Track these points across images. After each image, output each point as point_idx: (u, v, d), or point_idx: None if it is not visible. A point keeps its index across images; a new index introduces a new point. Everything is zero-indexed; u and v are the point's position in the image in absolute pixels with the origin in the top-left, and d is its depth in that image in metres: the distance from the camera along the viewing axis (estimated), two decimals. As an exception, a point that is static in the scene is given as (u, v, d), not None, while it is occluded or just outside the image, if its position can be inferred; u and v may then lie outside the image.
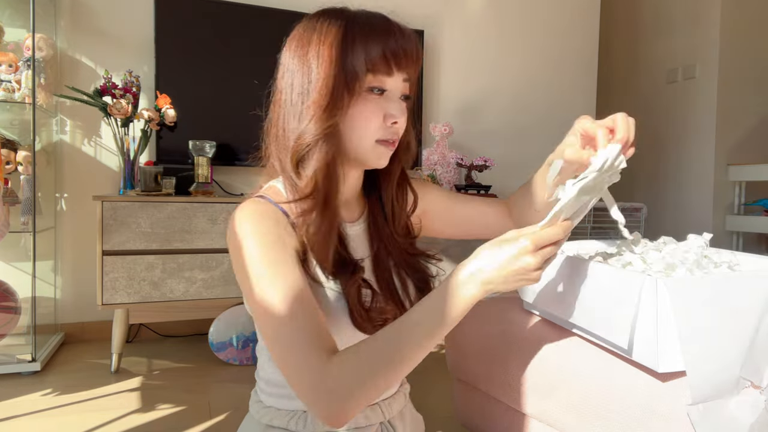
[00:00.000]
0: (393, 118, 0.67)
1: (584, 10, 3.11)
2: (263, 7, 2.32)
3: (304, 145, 0.65)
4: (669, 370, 0.69)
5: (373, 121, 0.67)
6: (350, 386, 0.56)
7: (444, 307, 0.58)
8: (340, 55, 0.64)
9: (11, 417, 1.48)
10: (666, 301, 0.67)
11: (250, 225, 0.63)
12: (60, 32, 2.14)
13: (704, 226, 3.11)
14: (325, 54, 0.64)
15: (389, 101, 0.68)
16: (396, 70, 0.66)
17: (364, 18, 0.66)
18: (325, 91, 0.64)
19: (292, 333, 0.58)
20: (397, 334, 0.59)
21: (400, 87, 0.69)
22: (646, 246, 0.93)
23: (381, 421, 0.76)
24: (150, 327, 2.29)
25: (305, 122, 0.65)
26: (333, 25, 0.66)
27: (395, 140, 0.70)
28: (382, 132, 0.68)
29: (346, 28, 0.65)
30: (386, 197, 0.78)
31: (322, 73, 0.64)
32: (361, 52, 0.64)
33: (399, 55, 0.66)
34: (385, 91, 0.67)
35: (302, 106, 0.66)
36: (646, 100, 3.55)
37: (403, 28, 0.68)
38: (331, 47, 0.64)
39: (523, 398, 0.94)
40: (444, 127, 2.54)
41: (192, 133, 2.12)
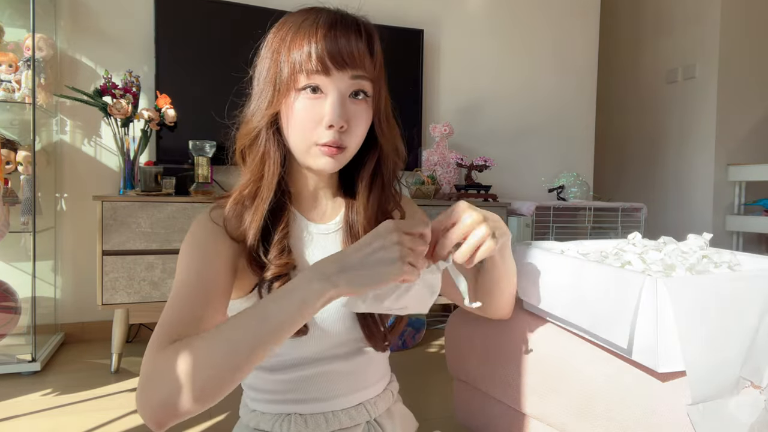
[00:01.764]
0: (328, 121, 0.64)
1: (584, 10, 3.11)
2: (263, 7, 2.32)
3: (247, 134, 0.69)
4: (669, 370, 0.69)
5: (307, 122, 0.66)
6: (160, 385, 0.50)
7: (271, 306, 0.53)
8: (281, 51, 0.66)
9: (11, 417, 1.48)
10: (666, 301, 0.67)
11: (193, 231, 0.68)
12: (60, 32, 2.14)
13: (704, 226, 3.11)
14: (272, 49, 0.67)
15: (328, 103, 0.65)
16: (336, 68, 0.64)
17: (314, 17, 0.66)
18: (264, 85, 0.68)
19: (165, 313, 0.59)
20: (237, 322, 0.53)
21: (347, 85, 0.66)
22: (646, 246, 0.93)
23: (367, 420, 0.76)
24: (150, 327, 2.29)
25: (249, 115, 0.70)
26: (289, 24, 0.67)
27: (337, 144, 0.66)
28: (320, 136, 0.66)
29: (297, 26, 0.65)
30: (359, 201, 0.75)
31: (264, 66, 0.68)
32: (295, 50, 0.64)
33: (337, 52, 0.63)
34: (321, 90, 0.65)
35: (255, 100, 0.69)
36: (646, 100, 3.55)
37: (349, 22, 0.66)
38: (278, 43, 0.67)
39: (523, 398, 0.94)
40: (444, 127, 2.54)
41: (192, 133, 2.12)
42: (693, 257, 0.86)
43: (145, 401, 0.51)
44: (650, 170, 3.50)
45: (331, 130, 0.65)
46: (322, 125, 0.65)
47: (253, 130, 0.69)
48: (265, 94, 0.67)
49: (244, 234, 0.68)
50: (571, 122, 3.09)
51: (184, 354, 0.51)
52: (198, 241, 0.67)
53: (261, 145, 0.69)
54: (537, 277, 0.94)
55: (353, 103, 0.67)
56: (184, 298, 0.60)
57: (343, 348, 0.73)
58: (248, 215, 0.68)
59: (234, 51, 2.27)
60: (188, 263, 0.65)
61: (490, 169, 2.60)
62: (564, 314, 0.88)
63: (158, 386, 0.51)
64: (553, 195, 2.75)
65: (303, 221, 0.74)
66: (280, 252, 0.68)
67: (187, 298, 0.60)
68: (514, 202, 2.54)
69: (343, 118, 0.65)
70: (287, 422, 0.72)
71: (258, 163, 0.69)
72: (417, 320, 2.26)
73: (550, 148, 3.04)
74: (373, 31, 0.69)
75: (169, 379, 0.50)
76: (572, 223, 2.54)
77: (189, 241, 0.68)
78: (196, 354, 0.51)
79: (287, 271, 0.68)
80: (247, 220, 0.68)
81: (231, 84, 2.49)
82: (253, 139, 0.69)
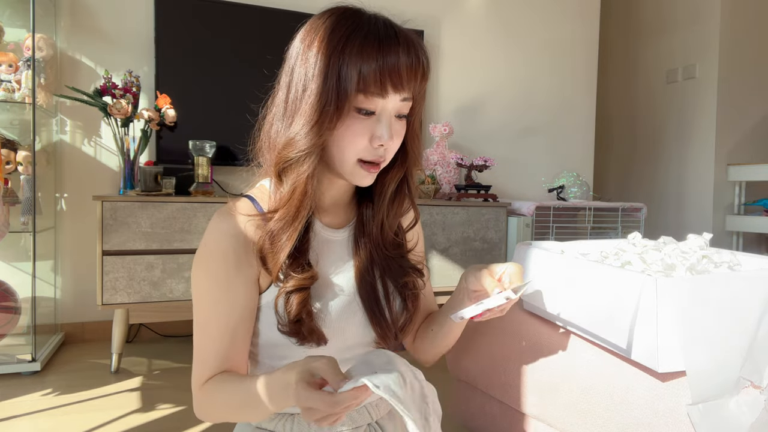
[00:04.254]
0: (380, 140, 0.64)
1: (584, 10, 3.11)
2: (264, 7, 2.32)
3: (288, 157, 0.64)
4: (669, 370, 0.69)
5: (358, 143, 0.64)
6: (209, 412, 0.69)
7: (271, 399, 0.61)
8: (334, 68, 0.61)
9: (11, 417, 1.48)
10: (666, 301, 0.67)
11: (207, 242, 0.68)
12: (60, 32, 2.14)
13: (704, 226, 3.11)
14: (321, 65, 0.62)
15: (379, 122, 0.64)
16: (393, 91, 0.63)
17: (366, 26, 0.62)
18: (316, 106, 0.62)
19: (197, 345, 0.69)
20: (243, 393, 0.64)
21: (396, 107, 0.65)
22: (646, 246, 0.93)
23: (369, 422, 0.76)
24: (150, 327, 2.29)
25: (293, 133, 0.64)
26: (336, 31, 0.62)
27: (379, 162, 0.66)
28: (365, 152, 0.65)
29: (345, 38, 0.61)
30: (377, 208, 0.75)
31: (314, 86, 0.62)
32: (354, 68, 0.61)
33: (396, 74, 0.62)
34: (374, 113, 0.64)
35: (294, 113, 0.65)
36: (646, 100, 3.55)
37: (410, 42, 0.64)
38: (327, 58, 0.62)
39: (523, 398, 0.94)
40: (444, 127, 2.54)
41: (192, 133, 2.12)
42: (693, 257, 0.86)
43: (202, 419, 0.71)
44: (650, 170, 3.50)
45: (379, 148, 0.65)
46: (370, 142, 0.64)
47: (302, 152, 0.63)
48: (315, 113, 0.62)
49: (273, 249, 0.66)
50: (571, 122, 3.09)
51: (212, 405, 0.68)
52: (216, 272, 0.66)
53: (306, 169, 0.64)
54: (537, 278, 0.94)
55: (396, 122, 0.66)
56: (211, 339, 0.68)
57: (353, 351, 0.73)
58: (284, 234, 0.66)
59: (234, 51, 2.27)
60: (210, 299, 0.67)
61: (490, 169, 2.60)
62: (564, 314, 0.87)
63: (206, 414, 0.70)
64: (553, 195, 2.75)
65: (320, 227, 0.73)
66: (304, 265, 0.67)
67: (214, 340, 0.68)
68: (514, 202, 2.54)
69: (392, 138, 0.65)
70: (290, 422, 0.72)
71: (302, 186, 0.65)
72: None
73: (550, 148, 3.04)
74: (427, 52, 0.67)
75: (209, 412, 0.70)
76: (572, 223, 2.54)
77: (206, 270, 0.67)
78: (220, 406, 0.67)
79: (309, 285, 0.67)
80: (283, 239, 0.66)
81: (231, 84, 2.50)
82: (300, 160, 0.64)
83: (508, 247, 2.42)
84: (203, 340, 0.68)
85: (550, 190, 2.76)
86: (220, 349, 0.67)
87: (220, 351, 0.67)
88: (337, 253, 0.74)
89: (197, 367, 0.69)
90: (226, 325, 0.67)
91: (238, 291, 0.67)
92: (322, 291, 0.70)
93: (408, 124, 0.69)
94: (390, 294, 0.75)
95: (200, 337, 0.68)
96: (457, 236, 2.30)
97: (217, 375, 0.68)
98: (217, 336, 0.67)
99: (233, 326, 0.67)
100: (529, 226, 2.40)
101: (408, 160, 0.73)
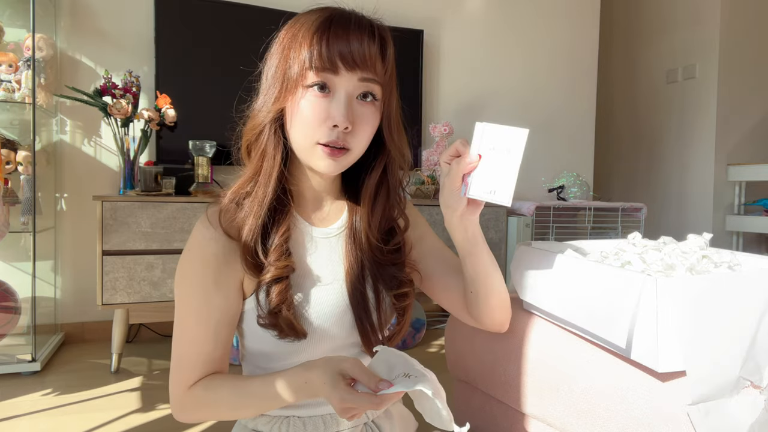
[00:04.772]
0: (333, 120, 0.64)
1: (584, 10, 3.11)
2: (264, 7, 2.33)
3: (252, 131, 0.69)
4: (669, 370, 0.69)
5: (312, 120, 0.64)
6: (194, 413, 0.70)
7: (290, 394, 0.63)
8: (292, 48, 0.65)
9: (11, 417, 1.48)
10: (666, 301, 0.67)
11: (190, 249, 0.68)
12: (60, 32, 2.14)
13: (704, 226, 3.11)
14: (282, 47, 0.67)
15: (336, 102, 0.64)
16: (345, 68, 0.63)
17: (328, 16, 0.65)
18: (272, 81, 0.67)
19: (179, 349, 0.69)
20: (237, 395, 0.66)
21: (354, 86, 0.65)
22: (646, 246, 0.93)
23: (365, 422, 0.76)
24: (150, 327, 2.29)
25: (255, 112, 0.69)
26: (302, 22, 0.66)
27: (339, 144, 0.65)
28: (321, 135, 0.65)
29: (309, 24, 0.65)
30: (362, 206, 0.74)
31: (273, 63, 0.67)
32: (309, 47, 0.63)
33: (345, 50, 0.63)
34: (328, 89, 0.65)
35: (263, 96, 0.69)
36: (646, 100, 3.55)
37: (364, 25, 0.65)
38: (289, 41, 0.66)
39: (523, 398, 0.94)
40: (444, 127, 2.54)
41: (192, 133, 2.12)
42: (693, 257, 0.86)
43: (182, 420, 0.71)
44: (650, 170, 3.50)
45: (335, 129, 0.64)
46: (326, 124, 0.64)
47: (258, 125, 0.68)
48: (273, 89, 0.67)
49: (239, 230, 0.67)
50: (571, 122, 3.09)
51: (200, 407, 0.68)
52: (198, 278, 0.67)
53: (263, 141, 0.68)
54: (537, 277, 0.94)
55: (360, 105, 0.66)
56: (195, 344, 0.68)
57: (342, 352, 0.73)
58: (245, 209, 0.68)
59: (234, 51, 2.27)
60: (193, 305, 0.67)
61: (490, 169, 2.59)
62: (564, 314, 0.87)
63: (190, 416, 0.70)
64: (553, 195, 2.75)
65: (304, 224, 0.73)
66: (280, 255, 0.67)
67: (198, 344, 0.68)
68: (514, 202, 2.55)
69: (349, 118, 0.64)
70: (285, 425, 0.72)
71: (259, 158, 0.69)
72: (417, 320, 2.26)
73: (550, 148, 3.04)
74: (387, 35, 0.68)
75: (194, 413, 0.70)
76: (572, 223, 2.54)
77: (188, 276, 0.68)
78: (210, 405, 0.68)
79: (287, 274, 0.67)
80: (241, 216, 0.67)
81: (231, 84, 2.49)
82: (257, 135, 0.69)
83: (508, 247, 2.42)
84: (187, 344, 0.68)
85: (550, 190, 2.76)
86: (203, 353, 0.68)
87: (203, 355, 0.68)
88: (325, 251, 0.73)
89: (180, 371, 0.68)
90: (207, 329, 0.67)
91: (220, 296, 0.67)
92: (306, 284, 0.70)
93: (382, 115, 0.69)
94: (382, 301, 0.73)
95: (183, 341, 0.68)
96: (457, 236, 2.29)
97: (206, 377, 0.68)
98: (201, 340, 0.67)
99: (216, 331, 0.68)
100: (529, 226, 2.40)
101: (384, 156, 0.72)
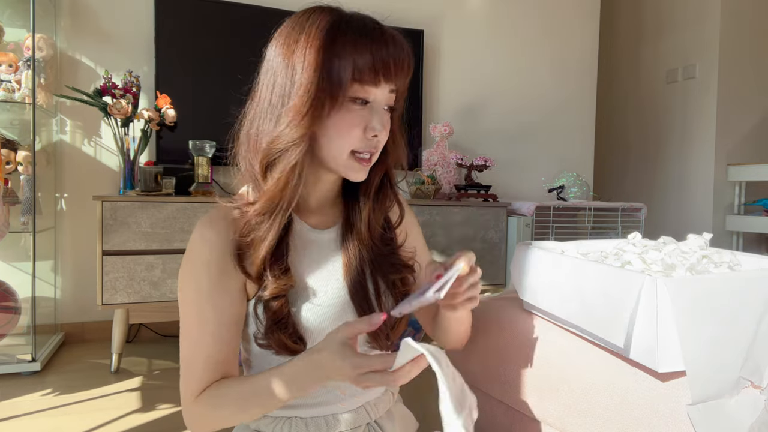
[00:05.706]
0: (373, 131, 0.65)
1: (584, 10, 3.11)
2: (263, 7, 2.33)
3: (276, 150, 0.63)
4: (669, 370, 0.69)
5: (353, 133, 0.64)
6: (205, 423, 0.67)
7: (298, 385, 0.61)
8: (327, 60, 0.61)
9: (11, 417, 1.48)
10: (666, 301, 0.67)
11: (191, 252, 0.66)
12: (60, 32, 2.14)
13: (704, 226, 3.11)
14: (311, 58, 0.62)
15: (372, 113, 0.65)
16: (384, 81, 0.64)
17: (355, 22, 0.63)
18: (306, 98, 0.62)
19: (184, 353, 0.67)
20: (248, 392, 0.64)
21: (386, 98, 0.66)
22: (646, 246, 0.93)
23: (367, 422, 0.76)
24: (150, 327, 2.29)
25: (281, 126, 0.63)
26: (323, 27, 0.62)
27: (372, 153, 0.67)
28: (359, 143, 0.65)
29: (335, 32, 0.62)
30: (363, 204, 0.74)
31: (305, 78, 0.62)
32: (348, 59, 0.61)
33: (388, 65, 0.63)
34: (369, 102, 0.65)
35: (281, 109, 0.63)
36: (646, 100, 3.55)
37: (396, 37, 0.65)
38: (318, 52, 0.61)
39: (523, 398, 0.94)
40: (444, 127, 2.54)
41: (192, 133, 2.12)
42: (693, 257, 0.86)
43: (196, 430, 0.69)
44: (650, 170, 3.50)
45: (372, 139, 0.66)
46: (366, 135, 0.65)
47: (289, 144, 0.63)
48: (302, 104, 0.62)
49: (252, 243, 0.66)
50: (571, 122, 3.09)
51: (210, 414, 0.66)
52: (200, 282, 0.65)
53: (293, 159, 0.63)
54: (537, 277, 0.94)
55: (385, 114, 0.67)
56: (200, 348, 0.66)
57: None
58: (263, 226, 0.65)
59: (234, 51, 2.27)
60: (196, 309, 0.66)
61: (490, 169, 2.60)
62: (564, 314, 0.87)
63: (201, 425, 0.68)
64: (553, 195, 2.75)
65: (302, 226, 0.73)
66: (281, 272, 0.66)
67: (203, 348, 0.66)
68: (514, 202, 2.54)
69: (386, 129, 0.66)
70: (287, 425, 0.71)
71: (286, 177, 0.64)
72: (417, 320, 2.26)
73: (550, 148, 3.04)
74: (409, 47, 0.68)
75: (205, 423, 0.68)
76: (572, 223, 2.54)
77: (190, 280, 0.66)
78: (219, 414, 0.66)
79: (286, 291, 0.66)
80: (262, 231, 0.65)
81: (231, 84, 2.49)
82: (283, 152, 0.64)
83: (508, 247, 2.42)
84: (192, 350, 0.67)
85: (550, 190, 2.76)
86: (209, 358, 0.66)
87: (210, 360, 0.66)
88: (325, 254, 0.73)
89: (188, 380, 0.67)
90: (212, 334, 0.66)
91: (224, 299, 0.66)
92: (305, 289, 0.69)
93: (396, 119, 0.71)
94: (381, 293, 0.74)
95: (189, 347, 0.67)
96: (457, 236, 2.30)
97: (212, 385, 0.67)
98: (206, 345, 0.66)
99: (221, 335, 0.66)
100: (529, 226, 2.40)
101: (390, 155, 0.73)
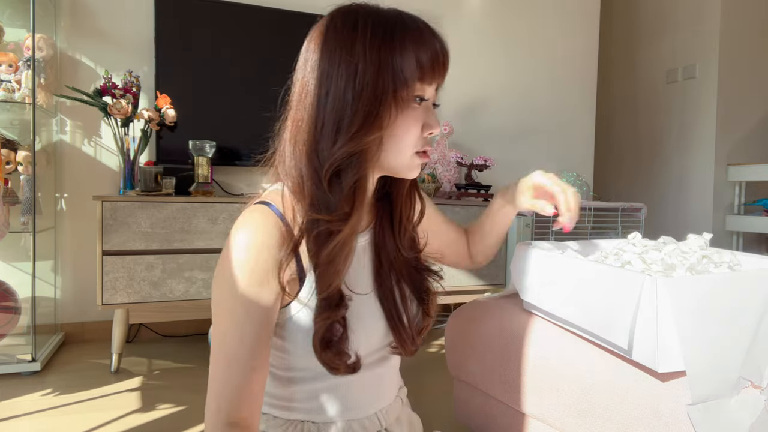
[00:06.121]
0: (430, 128, 0.65)
1: (584, 10, 3.11)
2: (263, 7, 2.32)
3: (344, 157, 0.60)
4: (669, 370, 0.69)
5: (414, 132, 0.64)
6: None
7: None
8: (390, 59, 0.59)
9: (11, 417, 1.48)
10: (666, 301, 0.67)
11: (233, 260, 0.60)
12: (60, 32, 2.14)
13: (704, 226, 3.11)
14: (374, 57, 0.59)
15: (427, 111, 0.65)
16: (439, 77, 0.65)
17: (409, 20, 0.62)
18: (372, 99, 0.59)
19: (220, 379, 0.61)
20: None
21: (433, 95, 0.67)
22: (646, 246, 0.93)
23: (378, 429, 0.75)
24: (150, 327, 2.29)
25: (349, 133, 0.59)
26: (378, 25, 0.60)
27: (429, 151, 0.68)
28: (420, 142, 0.65)
29: (394, 30, 0.60)
30: (396, 206, 0.74)
31: (369, 78, 0.59)
32: (412, 57, 0.60)
33: (442, 61, 0.64)
34: (426, 99, 0.65)
35: (344, 113, 0.60)
36: (646, 100, 3.55)
37: (439, 32, 0.66)
38: (380, 50, 0.59)
39: (523, 398, 0.94)
40: (444, 126, 2.54)
41: (192, 133, 2.12)
42: (693, 257, 0.86)
43: None
44: (650, 170, 3.50)
45: (429, 137, 0.66)
46: (424, 133, 0.66)
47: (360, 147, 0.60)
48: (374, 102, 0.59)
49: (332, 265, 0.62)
50: (571, 122, 3.09)
51: None
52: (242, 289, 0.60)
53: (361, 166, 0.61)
54: (537, 277, 0.94)
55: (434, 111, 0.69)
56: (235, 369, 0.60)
57: (370, 357, 0.72)
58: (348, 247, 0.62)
59: (234, 51, 2.27)
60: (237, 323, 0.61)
61: (490, 169, 2.60)
62: (564, 314, 0.87)
63: None
64: (553, 195, 2.75)
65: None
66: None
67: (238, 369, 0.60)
68: (514, 202, 2.54)
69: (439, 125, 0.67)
70: (299, 430, 0.71)
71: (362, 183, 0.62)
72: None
73: (550, 148, 3.04)
74: None
75: None
76: (572, 223, 2.53)
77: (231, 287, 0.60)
78: None
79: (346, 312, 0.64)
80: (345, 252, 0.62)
81: (231, 84, 2.49)
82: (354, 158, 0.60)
83: (508, 246, 2.42)
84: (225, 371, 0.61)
85: (550, 190, 2.76)
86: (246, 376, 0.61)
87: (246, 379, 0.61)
88: (359, 258, 0.72)
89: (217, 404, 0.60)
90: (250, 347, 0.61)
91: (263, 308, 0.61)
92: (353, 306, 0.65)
93: None
94: (407, 298, 0.73)
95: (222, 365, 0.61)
96: (457, 236, 2.30)
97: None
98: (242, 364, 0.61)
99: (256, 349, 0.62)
100: (529, 226, 2.40)
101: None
